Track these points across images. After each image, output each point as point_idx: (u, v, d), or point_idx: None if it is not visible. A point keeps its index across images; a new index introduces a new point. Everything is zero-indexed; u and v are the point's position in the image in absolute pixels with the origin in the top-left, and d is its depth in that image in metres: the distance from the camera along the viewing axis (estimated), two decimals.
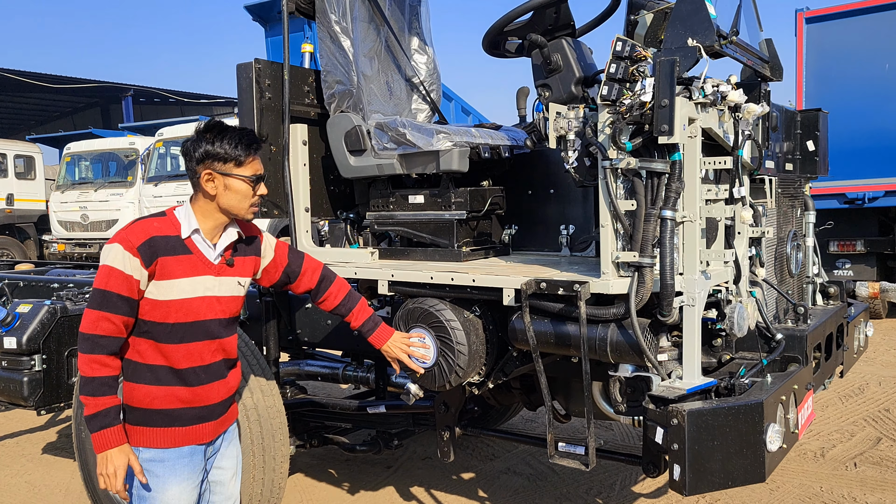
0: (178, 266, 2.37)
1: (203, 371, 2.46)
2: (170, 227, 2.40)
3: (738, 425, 2.40)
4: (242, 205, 2.43)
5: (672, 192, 2.49)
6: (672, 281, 2.48)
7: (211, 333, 2.47)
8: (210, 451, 2.59)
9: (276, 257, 2.73)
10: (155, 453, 2.41)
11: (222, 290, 2.49)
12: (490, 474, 4.84)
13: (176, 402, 2.42)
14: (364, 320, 2.87)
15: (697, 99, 2.50)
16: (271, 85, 3.39)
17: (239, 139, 2.39)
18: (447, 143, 3.11)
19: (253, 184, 2.42)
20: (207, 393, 2.48)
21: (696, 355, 2.59)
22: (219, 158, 2.37)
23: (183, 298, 2.38)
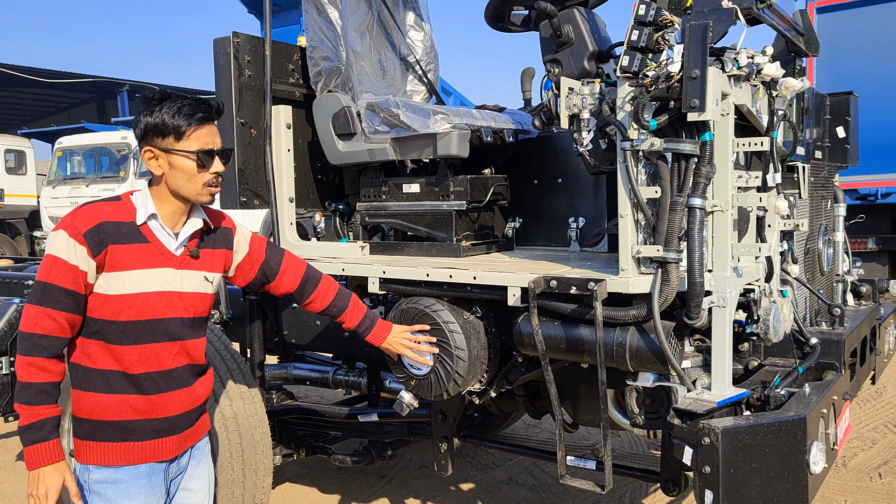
0: (132, 256, 2.09)
1: (162, 377, 2.17)
2: (123, 212, 2.11)
3: (778, 444, 2.09)
4: (191, 186, 2.11)
5: (702, 177, 2.18)
6: (701, 279, 2.17)
7: (171, 334, 2.17)
8: (174, 471, 2.28)
9: (251, 252, 2.43)
10: (106, 473, 2.12)
11: (185, 285, 2.19)
12: (491, 485, 4.57)
13: (130, 413, 2.13)
14: (359, 320, 2.58)
15: (731, 71, 2.18)
16: (252, 62, 3.08)
17: (179, 107, 2.06)
18: (445, 125, 2.80)
19: (199, 159, 2.08)
20: (167, 403, 2.18)
21: (727, 363, 2.28)
22: (158, 132, 2.07)
23: (137, 293, 2.09)
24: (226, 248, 2.35)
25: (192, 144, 2.08)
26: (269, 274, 2.47)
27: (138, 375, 2.13)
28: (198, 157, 2.08)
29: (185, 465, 2.31)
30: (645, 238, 2.30)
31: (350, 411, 3.80)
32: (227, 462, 3.18)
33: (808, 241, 3.18)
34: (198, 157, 2.07)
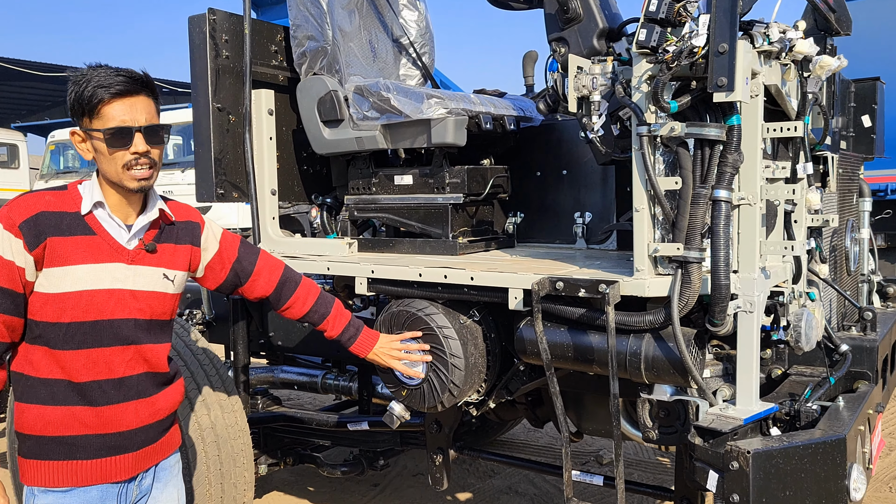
0: (75, 249, 1.87)
1: (113, 387, 1.93)
2: (67, 201, 1.90)
3: (815, 469, 1.85)
4: (111, 169, 1.86)
5: (728, 166, 1.94)
6: (727, 280, 1.93)
7: (123, 337, 1.94)
8: (134, 494, 2.03)
9: (221, 250, 2.19)
10: (53, 498, 1.89)
11: (139, 282, 1.96)
12: (489, 494, 4.34)
13: (77, 427, 1.91)
14: (342, 328, 2.35)
15: (761, 46, 1.94)
16: (230, 42, 2.83)
17: (96, 81, 1.83)
18: (440, 111, 2.55)
19: (107, 138, 1.84)
20: (120, 415, 1.94)
21: (755, 375, 2.04)
22: (75, 112, 1.87)
23: (81, 290, 1.87)
24: (191, 244, 2.11)
25: (105, 122, 1.84)
26: (241, 275, 2.24)
27: (85, 384, 1.90)
28: (105, 136, 1.83)
29: (149, 487, 2.07)
30: (663, 235, 2.05)
31: (339, 419, 3.56)
32: (204, 476, 2.95)
33: (834, 239, 2.94)
34: (104, 135, 1.83)
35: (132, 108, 1.85)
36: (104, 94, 1.83)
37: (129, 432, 1.97)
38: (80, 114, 1.87)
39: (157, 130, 1.89)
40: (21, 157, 16.60)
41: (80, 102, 1.84)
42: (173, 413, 2.12)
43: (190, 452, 2.92)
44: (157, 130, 1.89)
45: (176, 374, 2.14)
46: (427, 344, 2.41)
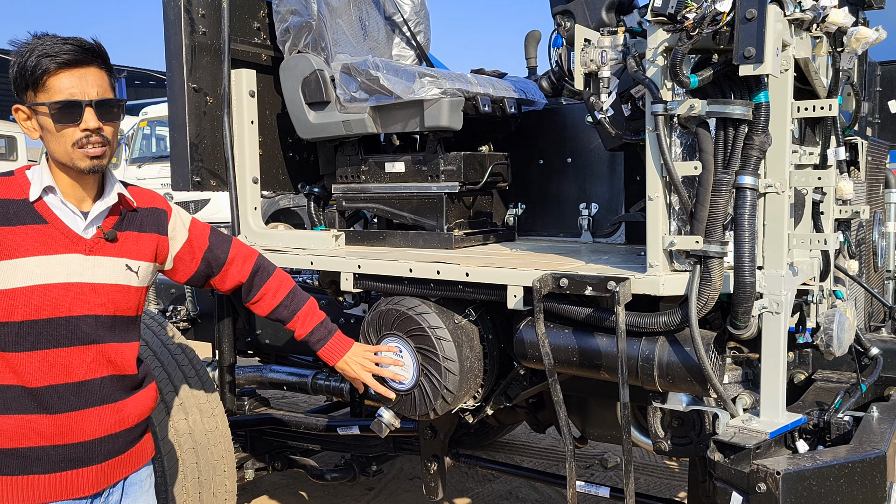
0: (24, 240, 1.71)
1: (72, 392, 1.77)
2: (13, 188, 1.74)
3: (852, 491, 1.64)
4: (61, 147, 1.71)
5: (754, 149, 1.72)
6: (752, 278, 1.72)
7: (82, 336, 1.78)
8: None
9: (191, 239, 2.03)
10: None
11: (98, 274, 1.80)
12: (489, 499, 4.16)
13: (33, 438, 1.75)
14: (312, 327, 2.16)
15: (792, 14, 1.72)
16: (207, 17, 2.62)
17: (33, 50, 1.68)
18: (434, 90, 2.34)
19: (52, 113, 1.69)
20: (79, 424, 1.78)
21: (781, 383, 1.83)
22: (17, 86, 1.72)
23: (33, 285, 1.72)
24: (157, 233, 1.95)
25: (51, 95, 1.69)
26: (214, 265, 2.07)
27: (40, 389, 1.75)
28: (51, 111, 1.68)
29: (117, 503, 1.91)
30: (680, 227, 1.85)
31: (329, 423, 3.36)
32: (181, 486, 2.75)
33: (861, 232, 2.72)
34: (50, 109, 1.68)
35: (82, 79, 1.70)
36: (50, 63, 1.67)
37: (92, 442, 1.81)
38: (23, 87, 1.71)
39: (110, 105, 1.74)
40: (19, 149, 16.50)
41: (24, 74, 1.69)
42: (144, 421, 1.95)
43: (166, 460, 2.72)
44: (110, 105, 1.74)
45: (146, 378, 1.98)
46: (407, 358, 2.20)
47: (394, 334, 2.27)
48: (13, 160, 16.31)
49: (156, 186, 12.17)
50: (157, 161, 12.93)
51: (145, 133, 13.59)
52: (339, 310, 3.38)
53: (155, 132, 13.69)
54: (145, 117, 13.58)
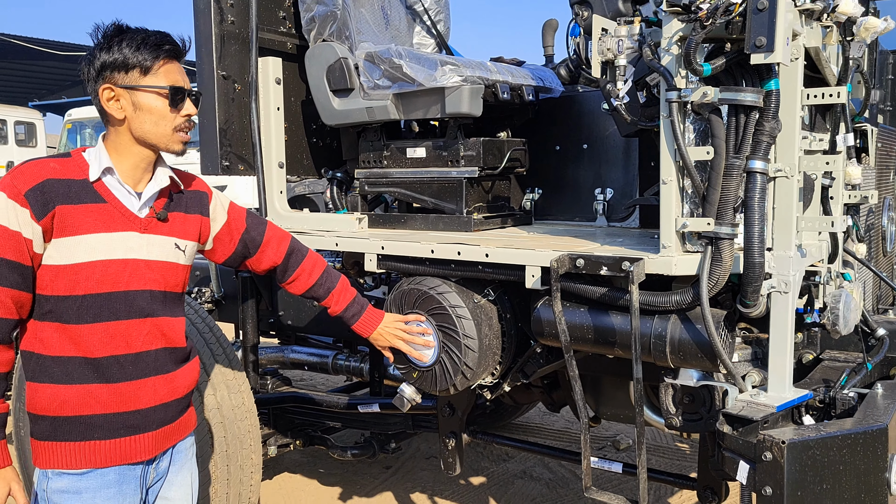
0: (86, 217, 1.78)
1: (130, 362, 1.85)
2: (73, 169, 1.81)
3: (854, 461, 1.72)
4: (161, 129, 1.81)
5: (765, 135, 1.80)
6: (762, 258, 1.80)
7: (139, 310, 1.86)
8: (152, 476, 1.96)
9: (230, 221, 2.11)
10: (68, 481, 1.81)
11: (153, 252, 1.88)
12: (503, 478, 4.25)
13: (93, 406, 1.82)
14: (347, 304, 2.26)
15: (803, 5, 1.79)
16: (235, 6, 2.71)
17: (143, 40, 1.77)
18: (455, 78, 2.42)
19: (170, 97, 1.80)
20: (137, 392, 1.86)
21: (788, 360, 1.91)
22: (118, 68, 1.77)
23: (95, 261, 1.78)
24: (200, 214, 2.03)
25: (161, 80, 1.80)
26: (250, 246, 2.16)
27: (102, 360, 1.82)
28: (170, 94, 1.80)
29: (165, 469, 2.00)
30: (692, 209, 1.92)
31: (350, 401, 3.47)
32: (209, 458, 2.87)
33: (870, 217, 2.79)
34: (169, 91, 1.80)
35: (180, 71, 1.85)
36: (161, 52, 1.79)
37: (147, 410, 1.90)
38: (126, 68, 1.78)
39: (198, 97, 1.90)
40: (38, 135, 16.68)
41: (130, 60, 1.77)
42: (191, 392, 2.05)
43: (198, 434, 2.83)
44: (198, 97, 1.90)
45: (192, 352, 2.07)
46: (430, 328, 2.30)
47: (416, 313, 2.36)
48: (32, 146, 16.49)
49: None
50: None
51: None
52: (360, 292, 3.48)
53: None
54: None
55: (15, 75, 28.12)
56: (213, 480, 2.86)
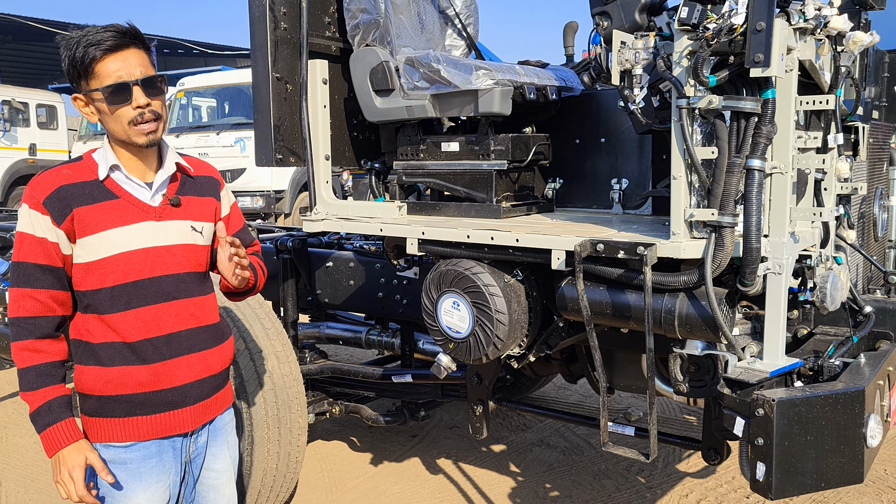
0: (103, 215, 1.90)
1: (163, 343, 1.99)
2: (84, 171, 1.93)
3: (835, 417, 2.01)
4: (118, 126, 1.88)
5: (762, 137, 2.07)
6: (758, 244, 2.08)
7: (166, 293, 1.99)
8: (193, 451, 2.12)
9: (231, 214, 2.23)
10: (114, 452, 1.99)
11: (171, 237, 1.99)
12: (522, 446, 4.55)
13: (134, 386, 1.96)
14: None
15: (797, 24, 2.05)
16: (287, 14, 2.98)
17: (76, 44, 1.83)
18: (488, 81, 2.69)
19: (106, 96, 1.84)
20: (171, 371, 2.00)
21: (781, 332, 2.19)
22: (72, 78, 1.87)
23: (117, 254, 1.92)
24: (213, 198, 2.13)
25: (101, 80, 1.85)
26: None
27: (137, 343, 1.96)
28: (104, 94, 1.84)
29: (204, 445, 2.16)
30: (698, 201, 2.20)
31: (384, 372, 3.77)
32: (262, 420, 3.18)
33: (863, 206, 3.05)
34: (104, 94, 1.84)
35: (125, 61, 1.85)
36: (95, 51, 1.82)
37: (184, 387, 2.02)
38: (77, 77, 1.87)
39: (154, 81, 1.88)
40: (59, 118, 16.86)
41: (75, 65, 1.84)
42: (226, 370, 2.17)
43: (251, 399, 3.15)
44: (154, 81, 1.88)
45: (226, 331, 2.19)
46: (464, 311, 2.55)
47: (452, 291, 2.66)
48: (53, 128, 16.71)
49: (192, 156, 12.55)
50: (195, 131, 13.27)
51: (182, 103, 13.88)
52: (393, 272, 3.78)
53: (192, 102, 14.03)
54: (182, 88, 13.88)
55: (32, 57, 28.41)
56: (266, 440, 3.18)
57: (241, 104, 13.03)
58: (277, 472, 3.28)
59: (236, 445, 2.28)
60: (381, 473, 4.20)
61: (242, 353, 3.18)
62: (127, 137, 1.90)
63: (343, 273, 3.93)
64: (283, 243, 4.03)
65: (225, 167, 11.97)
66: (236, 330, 3.22)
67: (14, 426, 5.05)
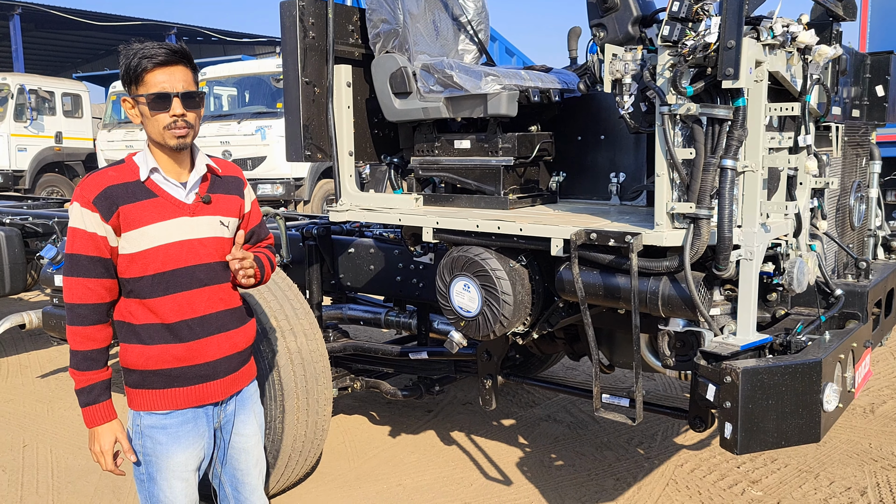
0: (144, 212, 2.15)
1: (197, 324, 2.24)
2: (127, 173, 2.18)
3: (794, 384, 2.31)
4: (153, 129, 2.13)
5: (734, 139, 2.36)
6: (730, 234, 2.37)
7: (199, 280, 2.24)
8: (223, 418, 2.38)
9: (251, 212, 2.46)
10: (156, 419, 2.25)
11: (203, 231, 2.24)
12: (530, 421, 4.85)
13: (172, 361, 2.22)
14: None
15: (766, 40, 2.34)
16: (315, 24, 3.29)
17: (134, 55, 2.09)
18: (496, 86, 2.99)
19: (149, 102, 2.09)
20: (204, 348, 2.26)
21: (752, 311, 2.49)
22: (125, 82, 2.13)
23: (157, 246, 2.17)
24: (238, 195, 2.37)
25: (148, 88, 2.09)
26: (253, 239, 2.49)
27: (175, 324, 2.21)
28: (147, 101, 2.09)
29: (232, 413, 2.39)
30: (679, 196, 2.49)
31: (402, 349, 4.09)
32: (292, 392, 3.51)
33: (841, 198, 3.33)
34: (147, 100, 2.09)
35: (171, 76, 2.09)
36: (148, 63, 2.07)
37: (215, 362, 2.28)
38: (128, 83, 2.12)
39: (192, 96, 2.14)
40: (84, 106, 17.20)
41: (128, 72, 2.10)
42: (249, 347, 2.43)
43: (282, 373, 3.48)
44: (192, 96, 2.14)
45: (247, 313, 2.44)
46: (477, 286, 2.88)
47: (463, 274, 2.97)
48: (78, 117, 17.08)
49: (214, 144, 12.85)
50: (215, 120, 13.55)
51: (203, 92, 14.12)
52: (410, 257, 4.10)
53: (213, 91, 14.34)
54: (204, 77, 14.15)
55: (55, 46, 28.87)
56: (295, 409, 3.52)
57: (262, 93, 13.30)
58: (306, 439, 3.62)
59: (262, 414, 2.53)
60: (399, 444, 4.53)
61: (274, 331, 3.51)
62: (161, 139, 2.14)
63: (364, 258, 4.26)
64: (308, 231, 4.36)
65: (246, 155, 12.27)
66: (269, 310, 3.55)
67: (59, 400, 5.44)
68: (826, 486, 3.82)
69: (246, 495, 2.46)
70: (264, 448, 2.56)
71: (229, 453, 2.43)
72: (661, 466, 4.14)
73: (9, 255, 5.37)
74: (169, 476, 2.27)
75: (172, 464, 2.26)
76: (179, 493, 2.29)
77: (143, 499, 2.32)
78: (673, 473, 4.03)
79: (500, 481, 4.01)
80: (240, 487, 2.45)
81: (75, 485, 4.06)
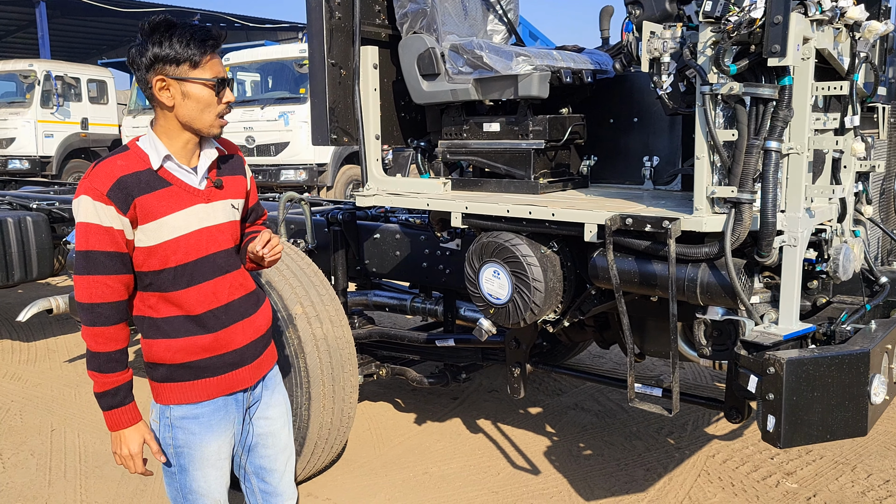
0: (160, 202, 2.05)
1: (223, 312, 2.18)
2: (136, 161, 2.05)
3: (840, 376, 2.22)
4: (205, 116, 2.04)
5: (779, 120, 2.26)
6: (774, 219, 2.28)
7: (221, 268, 2.18)
8: (249, 400, 2.33)
9: (252, 188, 2.38)
10: (187, 409, 2.18)
11: (218, 216, 2.17)
12: (557, 409, 4.79)
13: (199, 353, 2.16)
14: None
15: (813, 16, 2.23)
16: (341, 4, 3.22)
17: (191, 36, 1.99)
18: (527, 67, 2.91)
19: (215, 88, 2.03)
20: (230, 336, 2.20)
21: (795, 300, 2.40)
22: (170, 61, 1.99)
23: (178, 237, 2.08)
24: (242, 175, 2.30)
25: (207, 72, 2.02)
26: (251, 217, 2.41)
27: (201, 315, 2.14)
28: (216, 85, 2.03)
29: (259, 395, 2.35)
30: (720, 179, 2.40)
31: (428, 336, 4.04)
32: (318, 379, 3.47)
33: (885, 182, 3.20)
34: (216, 84, 2.03)
35: (220, 63, 2.07)
36: (207, 48, 2.00)
37: (241, 349, 2.22)
38: (177, 61, 1.98)
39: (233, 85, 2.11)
40: (109, 93, 17.30)
41: (186, 50, 1.97)
42: (270, 329, 2.37)
43: (308, 359, 3.44)
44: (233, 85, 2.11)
45: (263, 295, 2.37)
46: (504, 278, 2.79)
47: (493, 261, 2.90)
48: (104, 103, 17.19)
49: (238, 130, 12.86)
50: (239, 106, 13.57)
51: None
52: (436, 243, 4.04)
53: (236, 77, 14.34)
54: (228, 63, 14.16)
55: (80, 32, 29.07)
56: (322, 396, 3.48)
57: (285, 79, 13.27)
58: (332, 426, 3.58)
59: (287, 399, 2.47)
60: (425, 432, 4.49)
61: (300, 317, 3.47)
62: (208, 127, 2.06)
63: (389, 244, 4.20)
64: (333, 216, 4.31)
65: (269, 141, 12.27)
66: (295, 296, 3.50)
67: (86, 384, 5.46)
68: (863, 479, 3.72)
69: (274, 484, 2.39)
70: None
71: (257, 435, 2.37)
72: (692, 457, 4.06)
73: (36, 240, 5.38)
74: (203, 465, 2.21)
75: (207, 453, 2.21)
76: (214, 482, 2.24)
77: (173, 492, 2.26)
78: (704, 464, 3.95)
79: (527, 470, 3.95)
80: (266, 477, 2.39)
81: (102, 469, 4.07)
